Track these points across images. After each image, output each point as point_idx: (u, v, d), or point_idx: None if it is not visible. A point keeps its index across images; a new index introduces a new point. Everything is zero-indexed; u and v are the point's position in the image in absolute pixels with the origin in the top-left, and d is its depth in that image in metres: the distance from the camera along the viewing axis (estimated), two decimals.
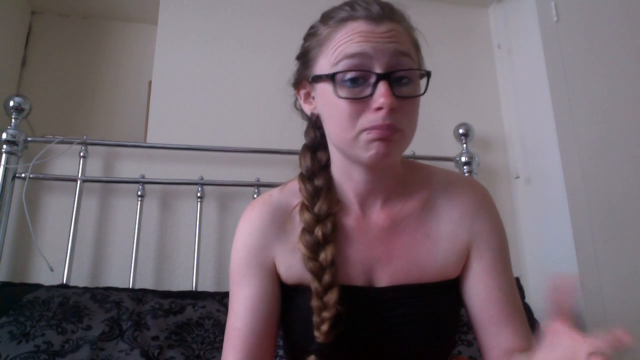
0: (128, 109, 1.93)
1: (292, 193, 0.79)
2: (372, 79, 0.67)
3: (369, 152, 0.68)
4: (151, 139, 1.67)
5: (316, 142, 0.80)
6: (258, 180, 1.63)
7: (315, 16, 0.77)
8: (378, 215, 0.78)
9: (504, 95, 1.99)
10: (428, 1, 2.02)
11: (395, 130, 0.67)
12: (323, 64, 0.71)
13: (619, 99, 1.74)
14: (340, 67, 0.68)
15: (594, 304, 1.49)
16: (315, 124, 0.80)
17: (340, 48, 0.68)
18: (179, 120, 1.71)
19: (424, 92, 0.71)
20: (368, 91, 0.67)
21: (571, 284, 0.56)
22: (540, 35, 1.75)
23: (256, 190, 1.62)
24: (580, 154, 1.65)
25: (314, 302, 0.70)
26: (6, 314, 1.18)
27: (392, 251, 0.76)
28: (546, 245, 1.70)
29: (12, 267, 1.48)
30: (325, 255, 0.71)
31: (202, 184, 1.60)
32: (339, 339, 0.71)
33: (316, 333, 0.69)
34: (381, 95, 0.65)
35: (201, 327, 1.25)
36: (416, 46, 0.75)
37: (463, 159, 1.77)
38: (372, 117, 0.66)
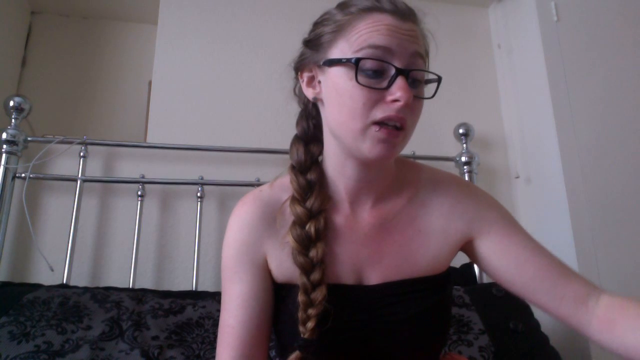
0: (128, 109, 1.93)
1: (282, 188, 0.79)
2: (391, 72, 0.67)
3: (373, 151, 0.68)
4: (151, 139, 1.67)
5: (309, 134, 0.80)
6: (258, 180, 1.63)
7: (316, 16, 0.77)
8: (369, 213, 0.78)
9: (504, 95, 1.99)
10: (428, 1, 2.01)
11: (401, 128, 0.68)
12: (342, 49, 0.70)
13: (619, 99, 1.74)
14: (362, 55, 0.68)
15: None
16: (309, 114, 0.80)
17: (365, 36, 0.68)
18: (179, 120, 1.71)
19: (433, 96, 0.72)
20: (385, 83, 0.67)
21: None
22: (540, 35, 1.75)
23: None
24: (580, 154, 1.65)
25: (301, 298, 0.70)
26: (6, 313, 1.18)
27: (383, 249, 0.76)
28: (546, 245, 1.68)
29: (12, 267, 1.48)
30: (316, 252, 0.71)
31: (202, 184, 1.60)
32: (328, 337, 0.71)
33: (301, 329, 0.69)
34: (400, 88, 0.66)
35: (201, 327, 1.25)
36: (426, 52, 0.76)
37: (463, 159, 1.77)
38: (386, 108, 0.67)
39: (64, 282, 1.41)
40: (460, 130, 1.79)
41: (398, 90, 0.66)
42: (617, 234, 1.59)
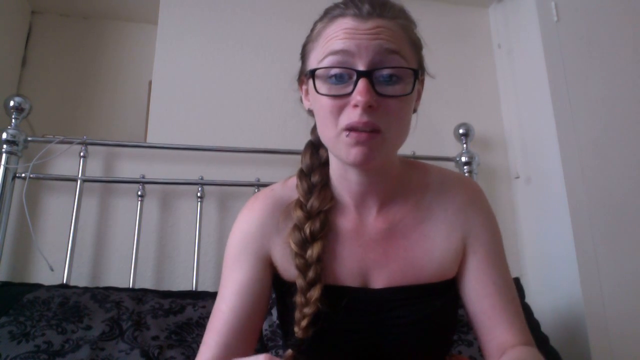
0: (128, 109, 1.93)
1: (292, 189, 0.80)
2: (355, 77, 0.66)
3: (349, 156, 0.68)
4: (151, 139, 1.67)
5: (320, 140, 0.80)
6: (258, 180, 1.63)
7: (316, 16, 0.77)
8: (375, 218, 0.77)
9: (504, 95, 1.99)
10: (428, 1, 2.02)
11: (375, 130, 0.66)
12: (313, 60, 0.72)
13: (619, 99, 1.74)
14: (324, 63, 0.68)
15: (594, 304, 1.49)
16: None
17: (327, 45, 0.68)
18: (179, 120, 1.71)
19: (411, 92, 0.68)
20: (350, 88, 0.66)
21: None
22: (540, 35, 1.75)
23: (256, 190, 1.62)
24: (580, 154, 1.65)
25: (298, 298, 0.71)
26: (6, 313, 1.18)
27: (389, 253, 0.76)
28: (546, 245, 1.70)
29: (12, 267, 1.48)
30: (311, 252, 0.72)
31: (202, 184, 1.60)
32: (331, 339, 0.71)
33: (296, 329, 0.69)
34: (358, 92, 0.64)
35: (201, 327, 1.25)
36: (414, 44, 0.73)
37: (463, 159, 1.77)
38: (350, 114, 0.66)
39: (64, 282, 1.41)
40: (460, 130, 1.79)
41: (357, 95, 0.64)
42: (617, 234, 1.59)
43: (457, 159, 1.79)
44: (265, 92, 1.77)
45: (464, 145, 1.79)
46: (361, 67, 0.66)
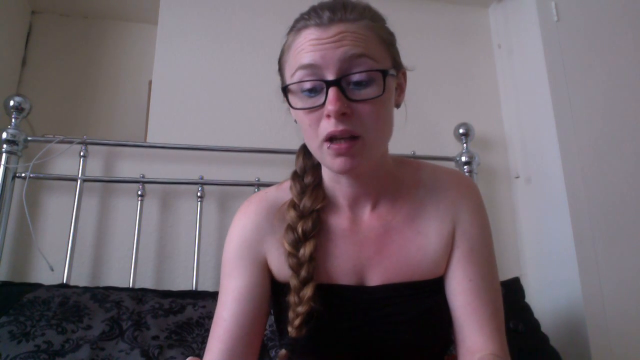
0: (128, 109, 1.93)
1: (287, 191, 0.80)
2: (325, 87, 0.66)
3: (334, 166, 0.68)
4: (151, 139, 1.67)
5: None
6: (258, 180, 1.63)
7: None
8: (369, 216, 0.78)
9: (504, 95, 1.99)
10: (428, 1, 2.02)
11: (354, 137, 0.66)
12: (287, 74, 0.72)
13: (619, 99, 1.74)
14: (295, 78, 0.68)
15: (594, 304, 1.49)
16: None
17: (296, 58, 0.69)
18: (179, 120, 1.71)
19: (383, 93, 0.67)
20: (322, 99, 0.66)
21: None
22: (541, 35, 1.75)
23: (256, 190, 1.62)
24: (580, 154, 1.65)
25: (291, 298, 0.71)
26: (6, 313, 1.18)
27: (383, 251, 0.76)
28: (546, 245, 1.70)
29: (12, 267, 1.48)
30: (304, 251, 0.72)
31: (202, 184, 1.60)
32: (326, 337, 0.71)
33: (289, 328, 0.70)
34: (329, 102, 0.65)
35: (201, 327, 1.25)
36: (384, 41, 0.71)
37: (463, 158, 1.77)
38: (326, 125, 0.66)
39: (64, 282, 1.41)
40: (461, 130, 1.79)
41: (328, 104, 0.65)
42: (617, 234, 1.59)
43: (457, 158, 1.79)
44: (265, 91, 1.77)
45: (464, 145, 1.79)
46: (330, 77, 0.66)
